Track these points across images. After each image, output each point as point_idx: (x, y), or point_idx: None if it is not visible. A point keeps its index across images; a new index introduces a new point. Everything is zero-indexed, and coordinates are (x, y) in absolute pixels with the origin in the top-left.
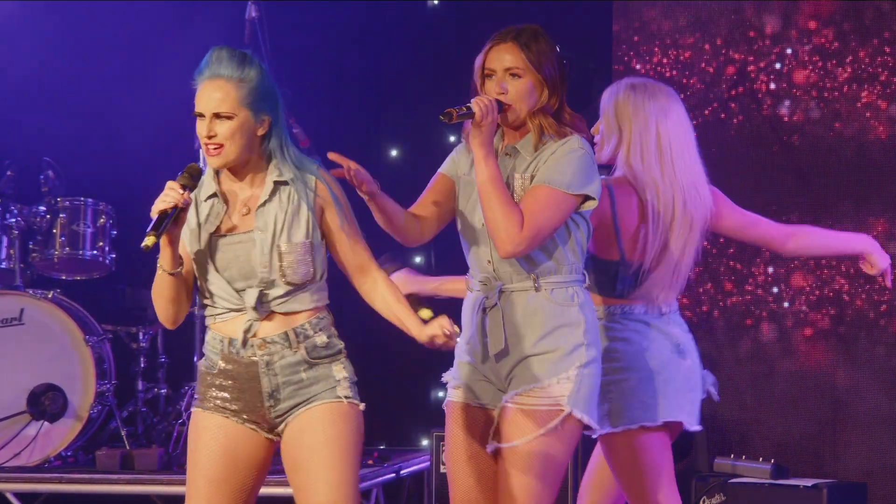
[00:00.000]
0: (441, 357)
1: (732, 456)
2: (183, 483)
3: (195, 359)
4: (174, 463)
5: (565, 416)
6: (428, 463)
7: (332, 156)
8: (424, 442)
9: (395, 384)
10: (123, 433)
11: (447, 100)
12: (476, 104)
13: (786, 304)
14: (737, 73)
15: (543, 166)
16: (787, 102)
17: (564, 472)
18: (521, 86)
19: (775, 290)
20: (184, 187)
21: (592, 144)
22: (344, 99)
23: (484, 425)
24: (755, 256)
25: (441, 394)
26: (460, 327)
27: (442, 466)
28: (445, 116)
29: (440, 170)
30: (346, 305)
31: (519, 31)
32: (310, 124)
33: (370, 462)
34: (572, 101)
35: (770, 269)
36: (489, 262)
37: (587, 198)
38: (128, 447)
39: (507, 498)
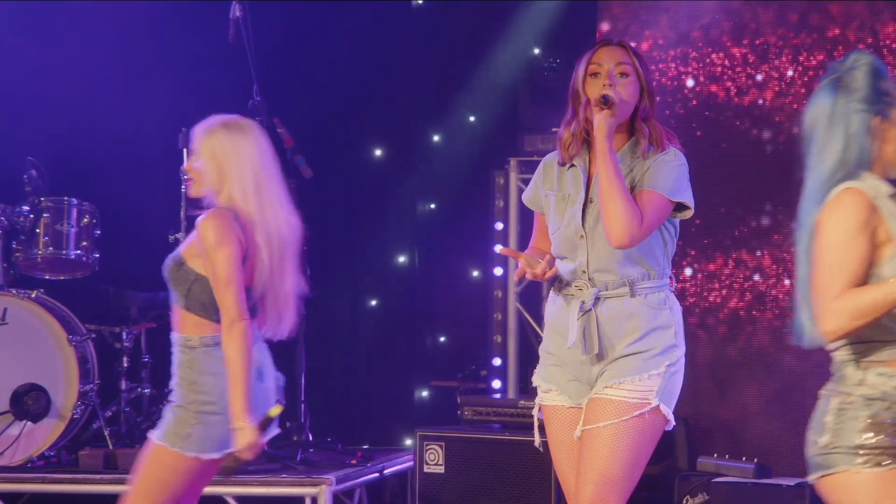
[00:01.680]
0: (426, 359)
1: (715, 455)
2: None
3: None
4: None
5: (652, 409)
6: (411, 462)
7: (502, 250)
8: (408, 441)
9: (379, 384)
10: (107, 433)
11: (432, 99)
12: (608, 90)
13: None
14: (724, 96)
15: (648, 172)
16: (770, 126)
17: (645, 463)
18: (630, 85)
19: (757, 276)
20: None
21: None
22: (328, 98)
23: (577, 423)
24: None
25: (424, 393)
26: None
27: (425, 466)
28: (606, 103)
29: (532, 207)
30: (336, 305)
31: (621, 40)
32: (294, 124)
33: (353, 462)
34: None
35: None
36: (584, 271)
37: (682, 206)
38: (111, 447)
39: (586, 478)
